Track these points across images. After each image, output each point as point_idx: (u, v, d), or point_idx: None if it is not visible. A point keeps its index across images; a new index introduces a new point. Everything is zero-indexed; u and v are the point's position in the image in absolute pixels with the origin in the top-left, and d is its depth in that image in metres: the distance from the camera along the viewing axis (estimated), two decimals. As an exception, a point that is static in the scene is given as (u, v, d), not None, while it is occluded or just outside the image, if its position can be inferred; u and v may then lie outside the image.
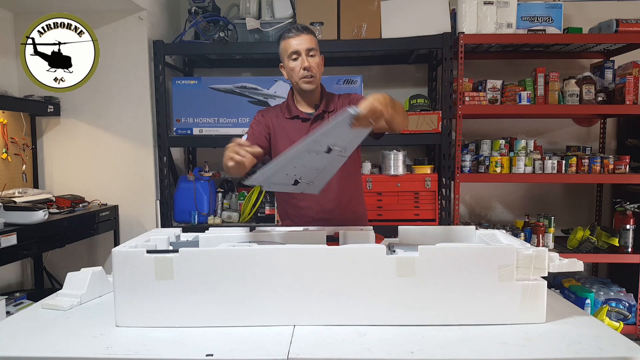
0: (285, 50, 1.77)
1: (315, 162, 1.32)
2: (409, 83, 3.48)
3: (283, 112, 1.85)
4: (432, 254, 1.16)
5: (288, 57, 1.76)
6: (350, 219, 1.75)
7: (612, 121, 3.42)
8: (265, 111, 1.91)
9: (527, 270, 1.16)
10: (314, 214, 1.80)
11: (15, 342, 1.11)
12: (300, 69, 1.74)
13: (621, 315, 2.84)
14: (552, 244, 3.08)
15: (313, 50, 1.75)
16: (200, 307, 1.17)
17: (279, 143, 1.82)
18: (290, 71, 1.78)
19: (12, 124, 2.90)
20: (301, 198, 1.82)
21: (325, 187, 1.78)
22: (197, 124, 3.02)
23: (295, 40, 1.74)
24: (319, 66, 1.79)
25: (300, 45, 1.73)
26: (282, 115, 1.85)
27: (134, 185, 3.07)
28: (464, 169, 3.04)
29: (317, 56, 1.77)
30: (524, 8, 2.95)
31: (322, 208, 1.80)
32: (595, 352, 1.02)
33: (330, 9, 2.90)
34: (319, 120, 1.80)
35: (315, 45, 1.76)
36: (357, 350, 1.05)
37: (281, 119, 1.84)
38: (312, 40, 1.76)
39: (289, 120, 1.83)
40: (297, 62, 1.75)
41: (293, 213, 1.87)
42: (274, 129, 1.84)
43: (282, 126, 1.83)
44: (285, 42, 1.76)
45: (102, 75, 2.84)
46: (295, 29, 1.76)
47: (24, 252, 2.32)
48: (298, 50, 1.73)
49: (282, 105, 1.89)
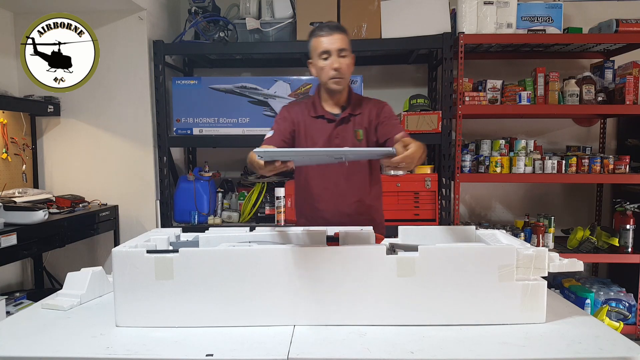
0: (316, 48, 1.74)
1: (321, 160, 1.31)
2: (409, 83, 3.47)
3: (309, 109, 1.83)
4: (432, 254, 1.17)
5: (318, 56, 1.73)
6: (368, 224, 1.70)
7: (612, 121, 3.42)
8: (291, 106, 1.89)
9: (527, 270, 1.16)
10: (330, 217, 1.79)
11: (15, 342, 1.11)
12: (330, 69, 1.71)
13: (621, 315, 2.84)
14: (552, 244, 3.08)
15: (345, 50, 1.72)
16: (200, 307, 1.17)
17: (301, 140, 1.81)
18: (319, 70, 1.75)
19: (12, 124, 2.90)
20: (320, 200, 1.82)
21: (346, 191, 1.79)
22: (197, 124, 3.02)
23: (327, 39, 1.71)
24: (349, 67, 1.76)
25: (331, 45, 1.70)
26: (307, 112, 1.83)
27: (134, 185, 3.07)
28: (464, 169, 3.03)
29: (348, 57, 1.74)
30: (524, 8, 2.95)
31: (340, 211, 1.79)
32: (595, 352, 1.02)
33: (330, 9, 2.90)
34: (344, 124, 1.79)
35: (347, 45, 1.73)
36: (357, 350, 1.05)
37: (306, 116, 1.82)
38: (344, 40, 1.73)
39: (313, 118, 1.81)
40: (328, 61, 1.72)
41: (310, 213, 1.87)
42: (298, 125, 1.82)
43: (306, 124, 1.81)
44: (316, 41, 1.73)
45: (102, 75, 2.85)
46: (328, 27, 1.73)
47: (24, 252, 2.32)
48: (329, 49, 1.70)
49: (307, 102, 1.87)
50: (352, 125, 1.79)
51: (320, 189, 1.84)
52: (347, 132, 1.79)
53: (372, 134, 1.79)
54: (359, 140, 1.78)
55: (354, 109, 1.80)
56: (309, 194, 1.85)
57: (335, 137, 1.78)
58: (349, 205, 1.81)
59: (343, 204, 1.80)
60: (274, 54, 3.15)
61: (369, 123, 1.80)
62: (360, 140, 1.78)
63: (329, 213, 1.80)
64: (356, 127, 1.79)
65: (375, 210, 1.91)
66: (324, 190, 1.84)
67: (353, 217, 1.77)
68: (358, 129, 1.79)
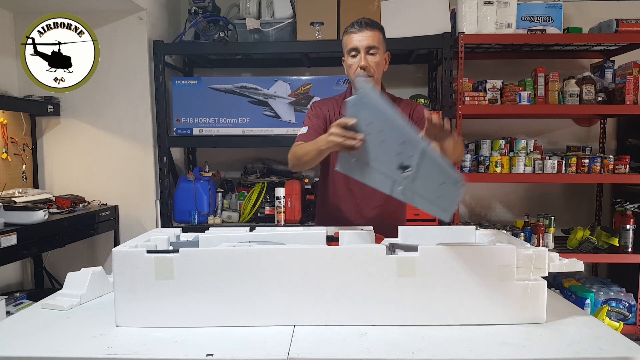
0: (346, 45, 1.69)
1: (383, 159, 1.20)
2: (409, 83, 3.47)
3: (339, 106, 1.78)
4: (432, 254, 1.16)
5: (347, 53, 1.69)
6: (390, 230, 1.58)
7: (612, 121, 3.42)
8: (322, 103, 1.84)
9: (527, 270, 1.16)
10: (353, 220, 1.75)
11: (15, 342, 1.11)
12: (357, 67, 1.66)
13: (621, 315, 2.84)
14: (552, 244, 3.08)
15: (374, 48, 1.66)
16: (201, 307, 1.17)
17: None
18: (347, 68, 1.71)
19: (12, 124, 2.90)
20: (343, 201, 1.78)
21: (370, 195, 1.71)
22: (197, 124, 3.02)
23: (357, 35, 1.65)
24: (379, 65, 1.69)
25: (360, 42, 1.65)
26: (338, 109, 1.78)
27: (134, 185, 3.07)
28: (464, 169, 3.03)
29: (378, 55, 1.67)
30: (524, 8, 2.95)
31: (363, 215, 1.76)
32: (595, 352, 1.02)
33: (330, 9, 2.90)
34: None
35: (378, 42, 1.66)
36: (357, 350, 1.05)
37: (337, 113, 1.77)
38: (375, 37, 1.66)
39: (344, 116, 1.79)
40: (355, 59, 1.67)
41: (331, 215, 1.82)
42: (330, 122, 1.75)
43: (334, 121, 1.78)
44: (347, 37, 1.68)
45: (102, 75, 2.84)
46: (359, 23, 1.67)
47: (24, 252, 2.32)
48: (357, 47, 1.65)
49: (338, 99, 1.83)
50: None
51: (344, 190, 1.79)
52: None
53: None
54: None
55: None
56: (333, 194, 1.80)
57: None
58: (373, 209, 1.77)
59: (367, 207, 1.76)
60: (274, 54, 3.15)
61: None
62: None
63: (352, 215, 1.76)
64: None
65: (401, 213, 1.86)
66: (347, 193, 1.79)
67: (376, 220, 1.71)
68: None
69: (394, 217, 1.80)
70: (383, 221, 1.74)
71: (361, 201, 1.77)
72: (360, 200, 1.78)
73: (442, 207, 1.17)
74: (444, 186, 1.15)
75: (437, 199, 1.17)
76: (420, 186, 1.16)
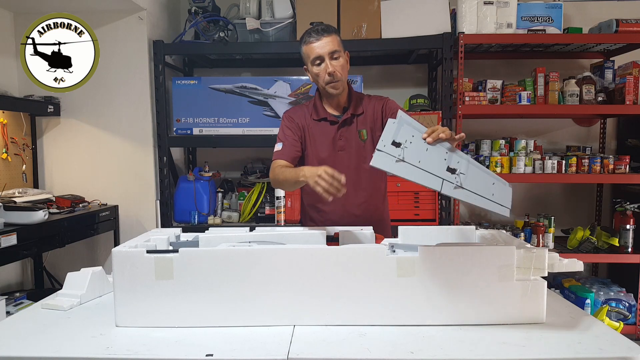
0: (308, 55, 1.71)
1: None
2: (409, 83, 3.47)
3: (310, 112, 1.81)
4: (432, 254, 1.16)
5: (311, 63, 1.71)
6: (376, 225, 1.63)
7: (612, 121, 3.42)
8: (293, 112, 1.86)
9: (527, 270, 1.16)
10: (338, 219, 1.76)
11: (15, 342, 1.11)
12: (325, 74, 1.69)
13: (621, 315, 2.84)
14: (552, 244, 3.08)
15: (336, 52, 1.69)
16: (200, 307, 1.17)
17: (308, 146, 1.80)
18: (315, 76, 1.74)
19: (12, 124, 2.90)
20: (326, 202, 1.75)
21: (354, 192, 1.74)
22: (197, 124, 3.02)
23: (318, 43, 1.67)
24: (344, 68, 1.73)
25: (322, 49, 1.67)
26: (309, 115, 1.81)
27: (134, 185, 3.07)
28: (464, 169, 3.03)
29: (341, 57, 1.71)
30: (524, 8, 2.95)
31: (348, 212, 1.77)
32: (595, 352, 1.02)
33: (330, 9, 2.90)
34: (347, 126, 1.77)
35: (338, 45, 1.70)
36: (357, 350, 1.05)
37: (309, 120, 1.80)
38: (334, 41, 1.69)
39: (316, 122, 1.80)
40: (321, 67, 1.69)
41: (317, 217, 1.85)
42: (304, 131, 1.80)
43: (310, 127, 1.80)
44: (307, 47, 1.70)
45: (102, 75, 2.84)
46: (316, 32, 1.69)
47: (24, 252, 2.31)
48: (321, 55, 1.68)
49: (309, 105, 1.85)
50: (355, 126, 1.78)
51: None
52: (350, 133, 1.78)
53: (378, 130, 1.76)
54: (363, 140, 1.77)
55: (356, 108, 1.78)
56: (313, 198, 1.82)
57: (339, 138, 1.77)
58: (358, 206, 1.79)
59: (351, 205, 1.78)
60: (274, 54, 3.15)
61: (373, 121, 1.78)
62: (365, 139, 1.77)
63: (336, 215, 1.78)
64: (359, 127, 1.78)
65: (382, 211, 1.89)
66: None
67: (361, 217, 1.75)
68: (362, 129, 1.78)
69: (378, 212, 1.84)
70: (370, 217, 1.77)
71: (345, 199, 1.77)
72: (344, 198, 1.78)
73: (499, 203, 1.23)
74: (495, 185, 1.25)
75: (492, 196, 1.23)
76: (473, 186, 1.22)
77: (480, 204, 1.23)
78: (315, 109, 1.81)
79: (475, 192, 1.22)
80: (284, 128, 1.81)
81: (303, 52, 1.74)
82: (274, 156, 1.77)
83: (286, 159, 1.73)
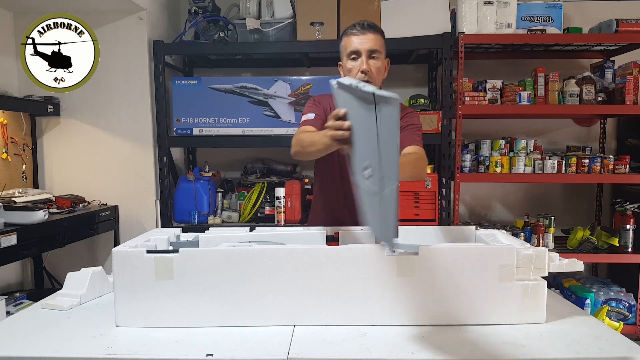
0: (345, 48, 1.62)
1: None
2: (409, 83, 3.47)
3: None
4: (432, 254, 1.16)
5: (347, 56, 1.62)
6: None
7: (612, 121, 3.42)
8: (321, 98, 1.77)
9: (527, 270, 1.16)
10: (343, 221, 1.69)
11: (15, 342, 1.11)
12: (357, 72, 1.59)
13: (621, 315, 2.84)
14: (552, 244, 3.08)
15: (376, 52, 1.60)
16: (200, 307, 1.17)
17: None
18: (347, 72, 1.63)
19: (12, 124, 2.90)
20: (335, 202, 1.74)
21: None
22: (197, 124, 3.02)
23: (358, 38, 1.59)
24: (380, 71, 1.63)
25: (362, 45, 1.58)
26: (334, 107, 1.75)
27: (134, 185, 3.07)
28: (464, 169, 3.03)
29: (380, 59, 1.62)
30: (524, 8, 2.95)
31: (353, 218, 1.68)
32: (595, 352, 1.02)
33: (330, 9, 2.90)
34: None
35: (380, 46, 1.61)
36: (357, 350, 1.04)
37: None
38: (378, 41, 1.61)
39: None
40: (356, 62, 1.60)
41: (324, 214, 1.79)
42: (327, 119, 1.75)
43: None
44: (347, 39, 1.62)
45: (102, 75, 2.85)
46: (361, 25, 1.60)
47: (24, 252, 2.32)
48: (359, 50, 1.59)
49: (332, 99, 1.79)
50: None
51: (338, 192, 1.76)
52: None
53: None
54: None
55: None
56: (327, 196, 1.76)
57: None
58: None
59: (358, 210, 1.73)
60: (274, 54, 3.15)
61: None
62: None
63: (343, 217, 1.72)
64: None
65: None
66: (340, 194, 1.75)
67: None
68: None
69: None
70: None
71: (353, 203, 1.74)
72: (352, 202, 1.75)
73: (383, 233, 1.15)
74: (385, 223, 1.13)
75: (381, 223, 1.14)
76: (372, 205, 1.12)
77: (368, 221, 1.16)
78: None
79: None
80: (312, 105, 1.72)
81: (342, 44, 1.65)
82: (302, 123, 1.65)
83: (315, 126, 1.62)
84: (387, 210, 1.10)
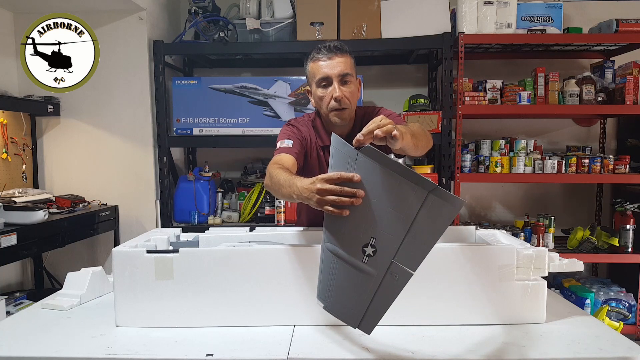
0: (314, 74, 1.49)
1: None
2: (409, 83, 3.48)
3: (315, 136, 1.60)
4: (432, 254, 1.16)
5: (316, 84, 1.49)
6: None
7: (612, 121, 3.42)
8: (298, 124, 1.62)
9: (527, 270, 1.16)
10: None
11: (15, 342, 1.11)
12: (330, 99, 1.47)
13: (621, 315, 2.84)
14: (552, 244, 3.08)
15: (348, 75, 1.47)
16: (200, 307, 1.17)
17: (314, 167, 1.60)
18: (318, 100, 1.51)
19: (12, 124, 2.90)
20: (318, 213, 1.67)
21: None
22: (197, 124, 3.02)
23: (326, 63, 1.46)
24: (354, 95, 1.50)
25: (332, 70, 1.45)
26: (314, 138, 1.60)
27: (134, 185, 3.07)
28: (464, 169, 3.03)
29: (352, 82, 1.49)
30: (524, 8, 2.95)
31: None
32: (595, 352, 1.02)
33: (330, 9, 2.90)
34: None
35: (350, 68, 1.48)
36: (357, 350, 1.05)
37: (314, 142, 1.60)
38: (347, 63, 1.47)
39: (321, 147, 1.60)
40: (327, 90, 1.47)
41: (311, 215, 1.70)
42: (308, 149, 1.59)
43: (313, 150, 1.60)
44: (314, 65, 1.49)
45: (102, 75, 2.84)
46: (327, 49, 1.47)
47: (24, 252, 2.31)
48: (329, 75, 1.46)
49: (308, 124, 1.63)
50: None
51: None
52: None
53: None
54: None
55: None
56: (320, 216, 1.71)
57: None
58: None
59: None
60: (274, 54, 3.15)
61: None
62: None
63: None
64: None
65: None
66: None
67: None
68: None
69: None
70: None
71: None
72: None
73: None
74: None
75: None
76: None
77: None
78: (317, 134, 1.60)
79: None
80: (289, 133, 1.58)
81: (308, 70, 1.52)
82: (280, 150, 1.50)
83: (292, 155, 1.48)
84: (382, 298, 0.98)
